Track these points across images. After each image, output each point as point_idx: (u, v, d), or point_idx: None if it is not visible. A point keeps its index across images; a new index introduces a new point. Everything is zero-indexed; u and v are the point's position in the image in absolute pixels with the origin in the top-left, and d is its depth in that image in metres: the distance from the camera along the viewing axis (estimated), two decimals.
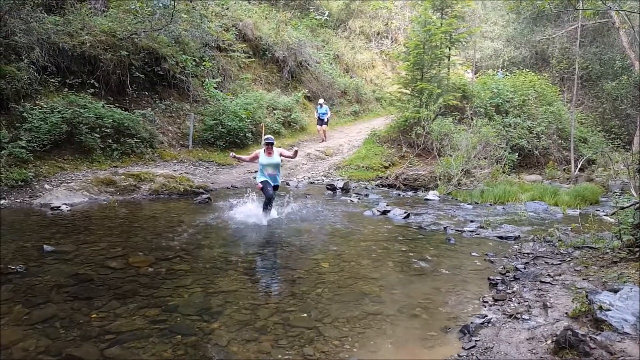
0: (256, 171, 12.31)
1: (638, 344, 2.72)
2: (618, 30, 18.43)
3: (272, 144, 6.84)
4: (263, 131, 14.31)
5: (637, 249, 4.49)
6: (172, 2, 11.69)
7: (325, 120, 15.35)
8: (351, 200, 9.09)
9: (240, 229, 6.45)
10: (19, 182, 7.68)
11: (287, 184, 10.81)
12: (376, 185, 11.44)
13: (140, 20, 11.52)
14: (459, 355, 3.03)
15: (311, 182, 11.36)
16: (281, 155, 7.11)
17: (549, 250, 5.52)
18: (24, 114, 8.62)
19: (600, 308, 3.13)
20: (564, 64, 22.29)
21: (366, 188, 10.98)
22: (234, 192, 8.87)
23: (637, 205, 4.90)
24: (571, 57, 21.31)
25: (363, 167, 12.77)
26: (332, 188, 10.25)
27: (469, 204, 9.42)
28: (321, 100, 15.58)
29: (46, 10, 10.41)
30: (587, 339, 2.72)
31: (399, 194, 10.56)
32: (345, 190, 10.28)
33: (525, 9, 21.15)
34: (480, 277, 4.65)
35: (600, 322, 3.05)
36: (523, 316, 3.52)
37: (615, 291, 3.42)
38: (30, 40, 9.29)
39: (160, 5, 11.90)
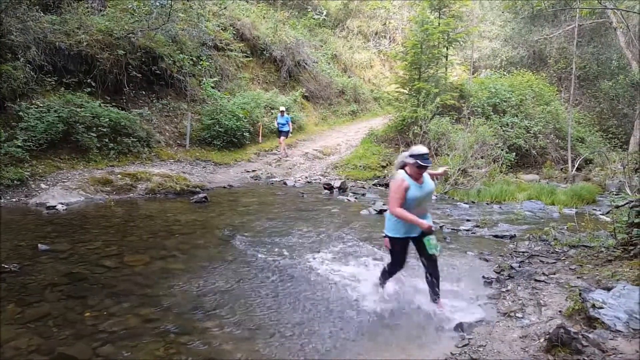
0: (254, 171, 12.55)
1: (630, 342, 2.73)
2: (615, 30, 18.44)
3: (426, 166, 3.68)
4: (260, 130, 14.33)
5: (632, 247, 4.50)
6: (169, 2, 11.67)
7: (285, 131, 13.21)
8: (348, 200, 9.09)
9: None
10: (15, 182, 7.65)
11: (284, 183, 10.80)
12: (373, 184, 11.42)
13: (137, 19, 11.49)
14: (451, 354, 3.03)
15: (308, 182, 11.33)
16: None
17: (545, 249, 5.53)
18: (20, 113, 8.59)
19: (594, 306, 3.14)
20: (561, 63, 22.31)
21: (363, 187, 10.97)
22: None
23: (632, 204, 4.92)
24: (569, 57, 21.31)
25: (360, 166, 12.77)
26: (329, 187, 10.24)
27: (465, 203, 9.43)
28: (282, 108, 13.51)
29: (43, 9, 10.37)
30: (580, 336, 2.73)
31: None
32: (343, 189, 10.27)
33: (522, 9, 21.22)
34: (475, 276, 4.65)
35: (593, 320, 3.06)
36: (517, 314, 3.52)
37: (609, 289, 3.44)
38: (26, 39, 9.25)
39: (158, 4, 11.87)
